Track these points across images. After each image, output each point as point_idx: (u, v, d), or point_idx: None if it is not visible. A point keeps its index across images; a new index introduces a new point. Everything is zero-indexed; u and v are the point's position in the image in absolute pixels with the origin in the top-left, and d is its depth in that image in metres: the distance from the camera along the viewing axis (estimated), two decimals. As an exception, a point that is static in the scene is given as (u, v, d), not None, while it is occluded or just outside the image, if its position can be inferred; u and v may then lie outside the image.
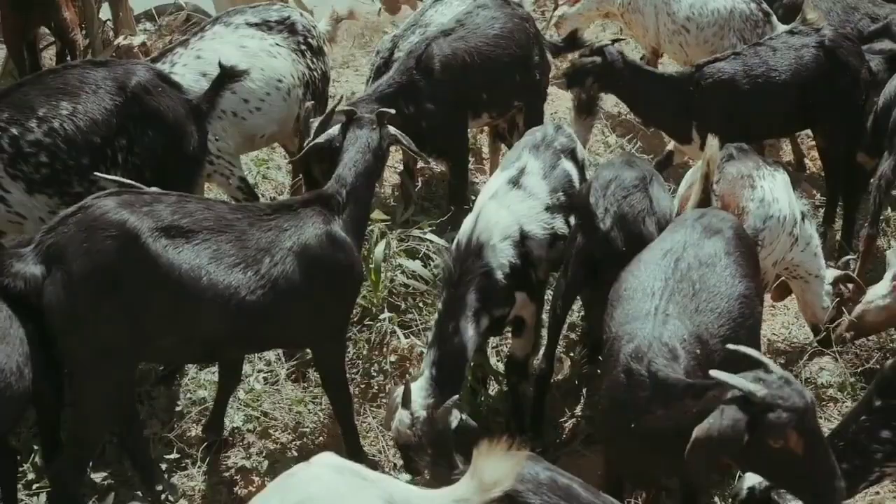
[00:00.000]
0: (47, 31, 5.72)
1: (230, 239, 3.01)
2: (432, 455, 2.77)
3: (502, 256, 3.46)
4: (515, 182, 3.64)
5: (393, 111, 3.57)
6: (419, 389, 3.26)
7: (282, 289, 3.05)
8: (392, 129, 3.51)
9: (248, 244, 3.03)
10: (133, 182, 3.23)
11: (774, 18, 5.56)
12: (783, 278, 4.21)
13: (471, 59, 4.42)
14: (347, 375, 3.64)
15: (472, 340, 3.38)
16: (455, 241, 3.56)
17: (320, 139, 3.56)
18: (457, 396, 3.12)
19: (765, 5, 5.60)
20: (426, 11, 5.08)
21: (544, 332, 3.95)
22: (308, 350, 3.93)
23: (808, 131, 5.37)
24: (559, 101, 6.13)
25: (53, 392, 3.14)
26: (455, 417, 3.13)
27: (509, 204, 3.57)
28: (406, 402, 3.19)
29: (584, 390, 4.13)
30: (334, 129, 3.52)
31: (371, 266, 3.97)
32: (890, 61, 4.88)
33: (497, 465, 2.09)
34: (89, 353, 2.92)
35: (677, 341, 2.80)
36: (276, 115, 4.36)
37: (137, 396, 3.61)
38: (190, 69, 4.06)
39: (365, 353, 4.00)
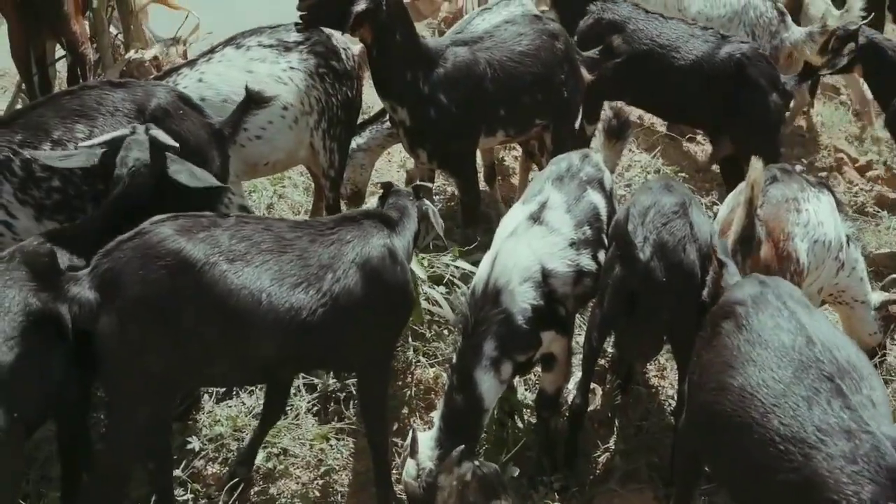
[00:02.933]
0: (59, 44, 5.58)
1: (291, 259, 2.96)
2: None
3: (522, 300, 3.25)
4: (536, 218, 3.45)
5: (431, 186, 3.51)
6: (428, 440, 3.12)
7: (343, 304, 2.99)
8: (426, 203, 3.50)
9: (309, 261, 2.99)
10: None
11: (789, 18, 5.49)
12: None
13: (491, 72, 4.26)
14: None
15: (491, 391, 3.20)
16: (472, 285, 3.39)
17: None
18: (463, 447, 2.99)
19: (780, 4, 5.53)
20: (473, 20, 4.95)
21: (574, 360, 3.78)
22: (330, 383, 3.78)
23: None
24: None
25: (77, 424, 3.05)
26: (468, 468, 2.99)
27: (529, 241, 3.38)
28: (413, 451, 3.06)
29: (616, 422, 3.96)
30: (372, 202, 3.55)
31: None
32: (802, 77, 4.92)
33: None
34: (137, 381, 2.84)
35: None
36: (281, 143, 4.15)
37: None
38: (189, 92, 3.82)
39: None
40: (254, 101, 3.47)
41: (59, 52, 5.81)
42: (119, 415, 2.94)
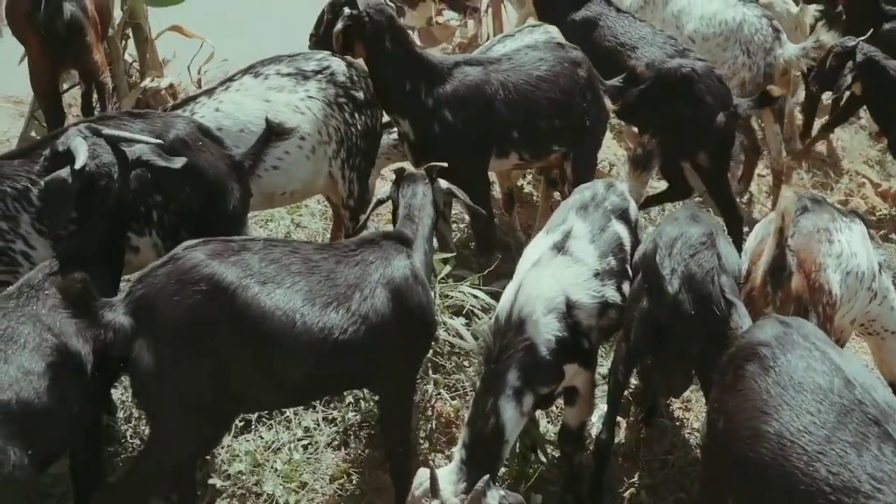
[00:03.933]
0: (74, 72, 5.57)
1: (319, 279, 2.98)
2: None
3: (546, 331, 3.17)
4: (560, 247, 3.38)
5: (445, 164, 3.50)
6: (449, 474, 3.02)
7: (371, 323, 3.01)
8: (444, 183, 3.43)
9: (337, 282, 3.01)
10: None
11: (784, 35, 5.47)
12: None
13: (504, 94, 4.24)
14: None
15: (513, 421, 3.11)
16: (494, 314, 3.32)
17: (380, 196, 3.54)
18: (488, 476, 2.89)
19: (776, 23, 5.51)
20: (494, 46, 4.92)
21: (597, 392, 3.69)
22: (350, 416, 3.71)
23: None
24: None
25: (91, 458, 3.03)
26: (493, 497, 2.89)
27: (553, 272, 3.30)
28: (434, 491, 2.94)
29: (641, 456, 3.87)
30: (387, 188, 3.49)
31: None
32: (759, 103, 4.78)
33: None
34: (173, 407, 2.83)
35: None
36: (298, 174, 4.10)
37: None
38: (207, 121, 3.76)
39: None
40: (275, 132, 3.44)
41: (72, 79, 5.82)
42: (152, 442, 2.91)
